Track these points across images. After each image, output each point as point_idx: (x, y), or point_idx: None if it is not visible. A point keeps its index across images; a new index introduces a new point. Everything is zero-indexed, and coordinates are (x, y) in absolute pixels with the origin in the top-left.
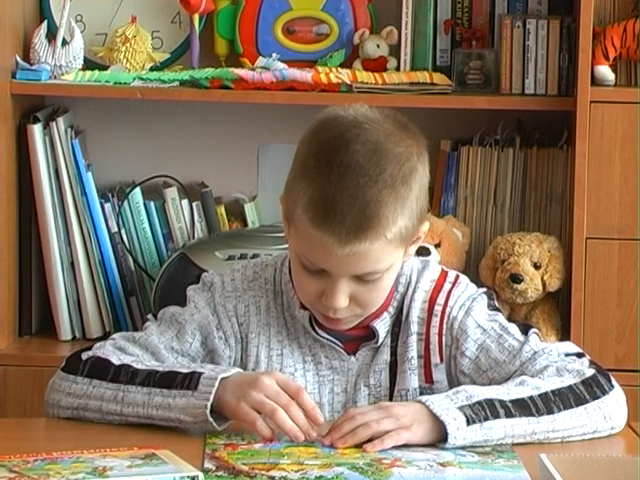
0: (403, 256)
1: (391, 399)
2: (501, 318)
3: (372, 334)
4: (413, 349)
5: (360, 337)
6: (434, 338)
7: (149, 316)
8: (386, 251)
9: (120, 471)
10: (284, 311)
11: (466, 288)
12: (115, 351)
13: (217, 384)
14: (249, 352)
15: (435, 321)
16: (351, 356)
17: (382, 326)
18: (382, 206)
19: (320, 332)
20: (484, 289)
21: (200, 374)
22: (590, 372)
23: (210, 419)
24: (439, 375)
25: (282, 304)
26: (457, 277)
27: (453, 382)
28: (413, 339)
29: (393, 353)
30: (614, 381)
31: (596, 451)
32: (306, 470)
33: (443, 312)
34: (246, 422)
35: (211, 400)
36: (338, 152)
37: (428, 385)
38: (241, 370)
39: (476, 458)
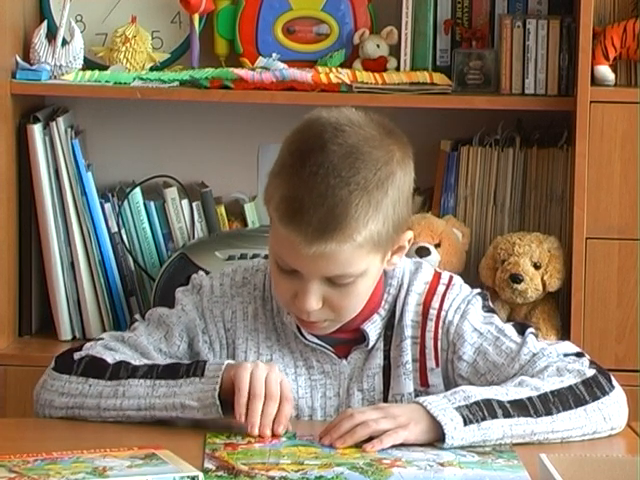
0: (381, 263)
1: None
2: (497, 320)
3: (363, 337)
4: (408, 353)
5: (351, 340)
6: (429, 343)
7: (137, 316)
8: (357, 255)
9: (120, 471)
10: (274, 317)
11: (460, 290)
12: (108, 351)
13: (224, 367)
14: (237, 358)
15: (430, 325)
16: (342, 360)
17: (373, 329)
18: (352, 208)
19: (309, 337)
20: (478, 290)
21: (205, 362)
22: (591, 372)
23: (217, 402)
24: (435, 379)
25: (271, 309)
26: (451, 279)
27: (451, 385)
28: (407, 343)
29: (386, 357)
30: (615, 381)
31: (596, 451)
32: (306, 470)
33: (438, 316)
34: (236, 383)
35: (219, 383)
36: (313, 152)
37: (424, 388)
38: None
39: (476, 458)
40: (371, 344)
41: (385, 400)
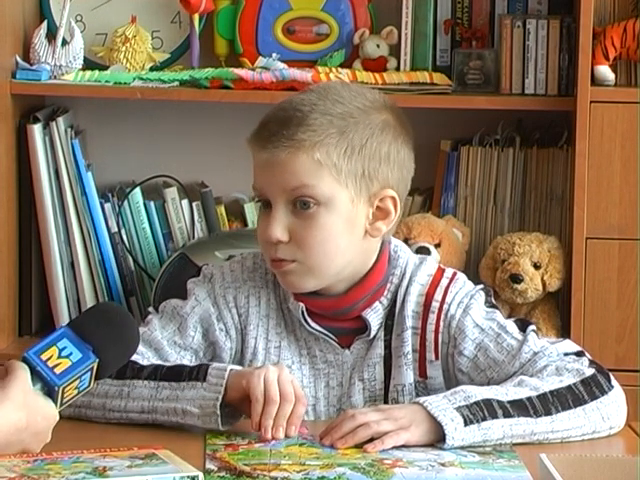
0: (352, 205)
1: (386, 394)
2: (499, 316)
3: (365, 327)
4: (408, 344)
5: (354, 330)
6: (430, 335)
7: (150, 309)
8: (315, 170)
9: (120, 471)
10: (282, 303)
11: (464, 285)
12: None
13: (227, 375)
14: (247, 343)
15: (432, 318)
16: (345, 349)
17: (375, 317)
18: (309, 119)
19: (313, 324)
20: (481, 285)
21: (208, 365)
22: (590, 372)
23: (218, 412)
24: (434, 371)
25: (280, 296)
26: (454, 274)
27: (451, 379)
28: (408, 334)
29: (387, 346)
30: (614, 380)
31: (596, 451)
32: (308, 470)
33: (440, 309)
34: (251, 392)
35: (222, 392)
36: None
37: (422, 379)
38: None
39: (477, 458)
40: (372, 333)
41: (386, 390)
